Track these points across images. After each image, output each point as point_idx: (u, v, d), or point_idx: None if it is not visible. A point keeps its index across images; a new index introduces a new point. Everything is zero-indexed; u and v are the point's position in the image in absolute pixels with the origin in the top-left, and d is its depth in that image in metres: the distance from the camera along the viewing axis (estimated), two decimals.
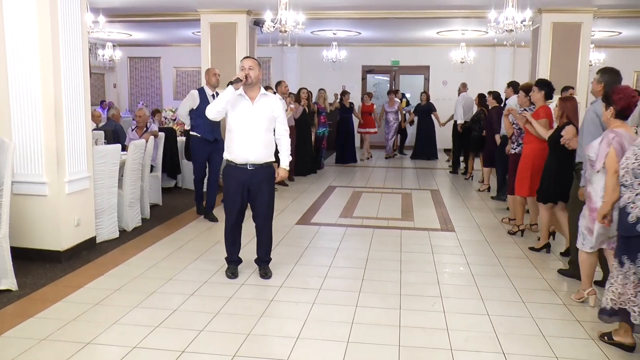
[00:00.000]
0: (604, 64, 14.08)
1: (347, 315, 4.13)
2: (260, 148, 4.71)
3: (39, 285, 4.65)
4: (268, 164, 4.81)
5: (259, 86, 4.80)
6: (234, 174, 4.79)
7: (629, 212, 3.40)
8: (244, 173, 4.74)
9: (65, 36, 5.25)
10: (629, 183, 3.43)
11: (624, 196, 3.47)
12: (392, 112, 14.32)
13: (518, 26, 7.96)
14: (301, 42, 15.04)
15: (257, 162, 4.73)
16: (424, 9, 10.43)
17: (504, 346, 3.67)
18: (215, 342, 3.67)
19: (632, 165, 3.39)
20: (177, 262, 5.34)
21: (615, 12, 10.16)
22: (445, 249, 6.05)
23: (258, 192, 4.81)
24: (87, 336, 3.70)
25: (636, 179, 3.40)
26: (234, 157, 4.75)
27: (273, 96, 4.92)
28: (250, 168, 4.73)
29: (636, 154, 3.38)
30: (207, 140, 6.95)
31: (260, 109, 4.72)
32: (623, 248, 3.51)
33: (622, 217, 3.47)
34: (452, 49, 15.13)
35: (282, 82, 10.09)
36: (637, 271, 3.41)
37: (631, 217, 3.39)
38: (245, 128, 4.68)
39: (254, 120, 4.69)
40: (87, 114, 5.68)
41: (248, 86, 4.68)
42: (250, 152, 4.69)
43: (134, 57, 17.93)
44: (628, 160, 3.43)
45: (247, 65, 4.65)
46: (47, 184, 5.25)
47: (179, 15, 11.25)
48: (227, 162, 4.83)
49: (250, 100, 4.71)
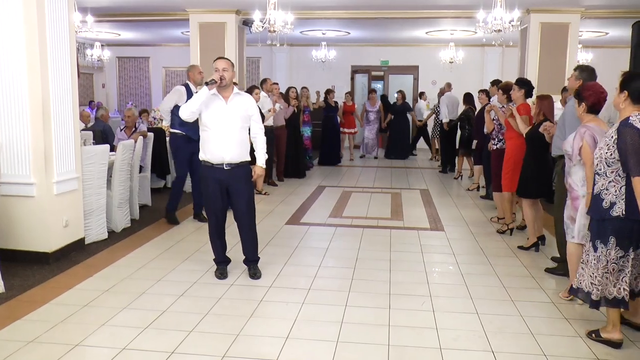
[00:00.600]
0: (591, 64, 14.16)
1: (337, 315, 4.13)
2: (235, 147, 4.72)
3: (26, 287, 4.61)
4: (244, 163, 4.81)
5: (232, 86, 4.81)
6: (210, 174, 4.78)
7: (603, 198, 3.63)
8: (221, 173, 4.74)
9: (52, 35, 5.22)
10: (602, 172, 3.65)
11: (598, 184, 3.68)
12: (373, 112, 14.30)
13: (506, 26, 8.01)
14: (290, 42, 15.07)
15: (233, 162, 4.73)
16: (412, 9, 10.47)
17: (493, 344, 3.69)
18: (205, 343, 3.67)
19: (605, 155, 3.62)
20: (166, 263, 5.33)
21: (602, 12, 10.25)
22: (435, 248, 6.07)
23: (236, 191, 4.82)
24: (75, 338, 3.68)
25: (609, 167, 3.61)
26: (209, 157, 4.74)
27: (247, 95, 4.96)
28: (227, 168, 4.72)
29: (607, 144, 3.61)
30: (192, 138, 6.57)
31: (234, 108, 4.73)
32: (596, 232, 3.70)
33: (597, 203, 3.68)
34: (441, 49, 15.19)
35: (267, 79, 9.90)
36: (607, 254, 3.62)
37: (605, 202, 3.62)
38: (219, 127, 4.69)
39: (228, 120, 4.70)
40: (75, 114, 5.64)
41: (222, 87, 4.70)
42: (225, 152, 4.69)
43: (123, 57, 17.85)
44: (601, 150, 3.66)
45: (221, 67, 4.66)
46: (35, 184, 5.22)
47: (168, 15, 11.22)
48: (203, 163, 4.82)
49: (224, 99, 4.72)
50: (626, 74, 3.74)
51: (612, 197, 3.59)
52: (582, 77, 5.06)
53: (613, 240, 3.59)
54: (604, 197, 3.62)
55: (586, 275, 3.75)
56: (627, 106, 3.61)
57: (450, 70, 15.12)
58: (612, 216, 3.57)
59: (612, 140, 3.57)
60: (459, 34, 13.95)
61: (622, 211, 3.54)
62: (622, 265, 3.61)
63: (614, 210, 3.57)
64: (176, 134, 6.80)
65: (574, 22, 10.05)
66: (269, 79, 10.02)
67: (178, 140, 6.80)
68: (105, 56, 16.18)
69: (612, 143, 3.57)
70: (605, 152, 3.61)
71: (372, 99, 14.40)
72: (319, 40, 15.12)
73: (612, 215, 3.58)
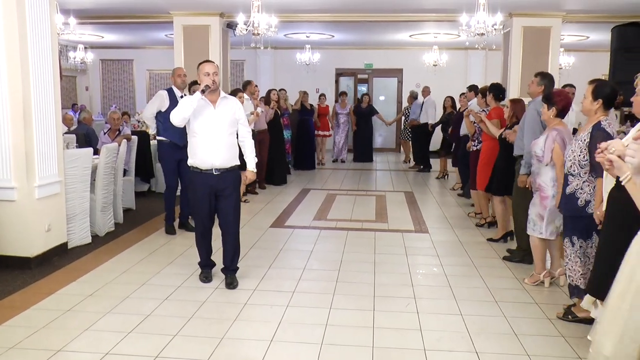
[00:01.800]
0: (572, 67, 14.39)
1: (321, 318, 4.14)
2: (224, 152, 4.67)
3: (7, 293, 4.56)
4: (233, 168, 4.76)
5: (219, 90, 4.77)
6: (199, 179, 4.72)
7: (578, 197, 3.94)
8: (210, 178, 4.67)
9: (33, 37, 5.17)
10: (576, 172, 3.96)
11: (572, 184, 3.98)
12: (343, 114, 14.26)
13: (489, 30, 8.08)
14: (274, 45, 15.05)
15: (222, 167, 4.67)
16: (396, 12, 10.50)
17: (477, 345, 3.72)
18: (189, 347, 3.65)
19: (578, 157, 3.91)
20: (150, 267, 5.30)
21: (583, 17, 10.37)
22: (419, 250, 6.10)
23: (224, 197, 4.75)
24: (57, 343, 3.65)
25: (582, 168, 3.92)
26: (198, 163, 4.68)
27: (233, 99, 4.91)
28: (216, 173, 4.66)
29: (580, 147, 3.90)
30: (177, 145, 6.36)
31: (222, 113, 4.69)
32: (571, 228, 4.04)
33: (572, 201, 3.98)
34: (425, 52, 15.26)
35: (250, 82, 9.61)
36: (592, 246, 3.91)
37: (580, 201, 3.94)
38: (208, 132, 4.64)
39: (216, 124, 4.66)
40: (58, 117, 5.59)
41: (211, 91, 4.66)
42: (215, 157, 4.64)
43: (106, 60, 17.71)
44: (574, 153, 3.93)
45: (211, 71, 4.62)
46: (16, 188, 5.17)
47: (151, 17, 11.14)
48: (192, 169, 4.75)
49: (212, 104, 4.67)
50: (597, 83, 3.96)
51: (587, 195, 3.91)
52: (543, 83, 5.43)
53: (595, 236, 3.87)
54: (579, 196, 3.93)
55: (575, 270, 4.02)
56: (599, 112, 3.89)
57: (434, 73, 15.19)
58: (588, 213, 3.85)
59: (585, 143, 3.85)
60: (442, 37, 14.03)
61: None
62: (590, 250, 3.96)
63: (589, 207, 3.86)
64: (162, 142, 6.55)
65: (556, 26, 10.16)
66: (252, 81, 9.81)
67: (164, 147, 6.57)
68: (88, 59, 16.03)
69: (584, 146, 3.85)
70: (578, 154, 3.91)
71: (342, 102, 14.33)
72: (303, 43, 15.12)
73: (587, 212, 3.88)
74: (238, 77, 16.66)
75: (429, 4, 9.85)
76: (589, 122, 3.95)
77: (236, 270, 4.92)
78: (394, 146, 16.65)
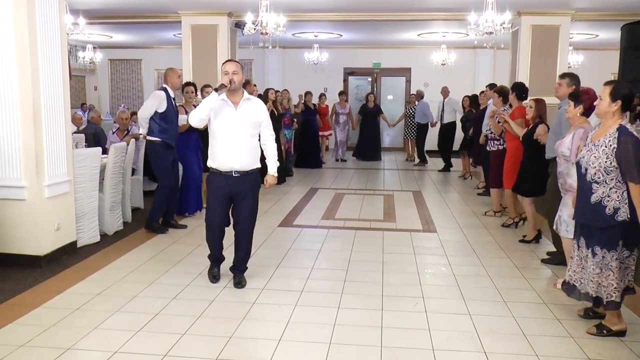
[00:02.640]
0: (582, 66, 14.31)
1: (330, 317, 4.14)
2: (245, 155, 4.58)
3: (17, 291, 4.59)
4: (254, 171, 4.68)
5: (242, 90, 4.66)
6: (218, 181, 4.64)
7: (605, 205, 3.68)
8: (229, 180, 4.60)
9: (43, 38, 5.19)
10: (601, 180, 3.70)
11: (597, 192, 3.72)
12: (343, 114, 14.26)
13: (497, 29, 8.06)
14: (283, 45, 15.06)
15: (242, 170, 4.59)
16: (404, 11, 10.48)
17: (485, 345, 3.70)
18: (198, 346, 3.66)
19: (604, 164, 3.66)
20: (159, 266, 5.31)
21: (592, 15, 10.31)
22: (427, 250, 6.09)
23: (242, 199, 4.68)
24: (67, 342, 3.67)
25: (607, 175, 3.67)
26: (218, 165, 4.61)
27: (257, 100, 4.77)
28: (236, 175, 4.59)
29: (606, 153, 3.65)
30: (170, 145, 6.46)
31: (244, 115, 4.58)
32: (598, 240, 3.75)
33: (599, 211, 3.72)
34: (433, 51, 15.22)
35: (249, 82, 9.40)
36: (619, 257, 3.71)
37: (608, 209, 3.68)
38: (229, 135, 4.54)
39: (237, 127, 4.55)
40: (67, 116, 5.62)
41: (231, 91, 4.54)
42: (235, 160, 4.55)
43: (115, 59, 17.79)
44: (599, 159, 3.69)
45: (231, 70, 4.50)
46: (26, 187, 5.19)
47: (160, 17, 11.18)
48: (212, 170, 4.69)
49: (234, 105, 4.56)
50: (615, 84, 3.79)
51: (615, 203, 3.66)
52: (573, 84, 5.41)
53: (621, 243, 3.70)
54: (607, 204, 3.68)
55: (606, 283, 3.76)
56: (617, 114, 3.71)
57: (442, 72, 15.16)
58: (618, 221, 3.65)
59: (611, 148, 3.62)
60: (450, 36, 14.00)
61: (627, 215, 3.62)
62: (627, 264, 3.75)
63: (619, 215, 3.65)
64: (154, 142, 6.44)
65: (565, 25, 10.11)
66: (251, 81, 9.73)
67: (157, 148, 6.45)
68: (97, 58, 16.11)
69: (610, 151, 3.62)
70: (604, 160, 3.65)
71: (341, 101, 14.33)
72: (311, 42, 15.12)
73: (617, 220, 3.65)
74: (246, 77, 16.66)
75: (438, 3, 9.83)
76: (605, 125, 3.76)
77: (245, 270, 4.91)
78: (401, 145, 16.65)
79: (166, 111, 6.39)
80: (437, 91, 14.45)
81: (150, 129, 6.44)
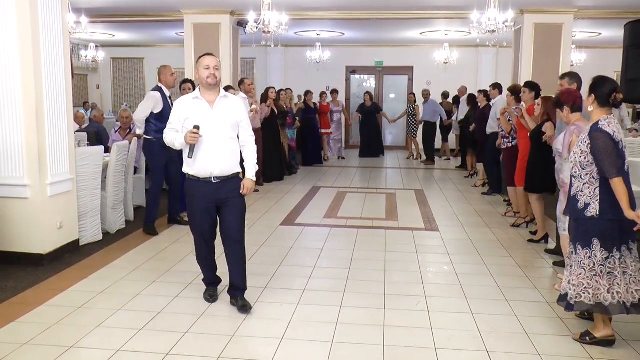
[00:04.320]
0: (584, 64, 14.28)
1: (332, 316, 4.14)
2: (224, 159, 4.09)
3: (20, 289, 4.60)
4: (235, 175, 4.17)
5: (219, 88, 4.16)
6: (197, 188, 4.13)
7: (578, 199, 3.72)
8: (209, 187, 4.10)
9: (46, 36, 5.21)
10: (577, 174, 3.75)
11: (574, 186, 3.78)
12: (337, 112, 14.37)
13: (500, 27, 8.05)
14: (285, 43, 15.04)
15: (222, 175, 4.10)
16: (407, 9, 10.49)
17: (488, 344, 3.70)
18: (200, 344, 3.66)
19: (579, 159, 3.70)
20: (161, 264, 5.32)
21: (595, 13, 10.30)
22: (430, 249, 6.08)
23: (227, 207, 4.17)
24: (70, 340, 3.67)
25: (583, 170, 3.71)
26: (196, 171, 4.11)
27: (235, 98, 4.29)
28: (216, 181, 4.09)
29: (581, 149, 3.69)
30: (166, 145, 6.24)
31: (221, 114, 4.09)
32: (574, 234, 3.79)
33: (573, 204, 3.77)
34: (436, 49, 15.22)
35: (245, 79, 9.39)
36: (593, 256, 3.63)
37: (580, 203, 3.71)
38: (205, 137, 4.01)
39: (214, 128, 4.05)
40: (69, 115, 5.63)
41: (208, 87, 4.08)
42: (214, 165, 4.06)
43: (117, 58, 17.81)
44: (575, 154, 3.76)
45: (212, 65, 4.05)
46: (29, 186, 5.20)
47: (162, 15, 11.21)
48: (188, 177, 4.18)
49: (209, 104, 4.07)
50: (595, 78, 3.80)
51: (586, 198, 3.67)
52: (574, 82, 5.45)
53: (596, 242, 3.62)
54: (579, 199, 3.70)
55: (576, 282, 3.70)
56: (595, 109, 3.69)
57: (444, 71, 15.16)
58: (587, 216, 3.64)
59: (586, 144, 3.66)
60: (453, 34, 14.00)
61: (596, 212, 3.60)
62: (610, 268, 3.60)
63: (589, 210, 3.64)
64: (151, 140, 6.37)
65: (567, 23, 10.10)
66: (247, 79, 9.60)
67: (153, 146, 6.35)
68: (99, 57, 16.15)
69: (585, 147, 3.67)
70: (579, 156, 3.71)
71: (334, 99, 14.41)
72: (313, 41, 15.13)
73: (586, 215, 3.65)
74: (248, 76, 16.67)
75: (440, 2, 9.83)
76: (590, 121, 3.77)
77: (245, 291, 4.33)
78: (404, 144, 16.70)
79: (162, 111, 6.25)
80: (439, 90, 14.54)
81: (147, 129, 6.41)
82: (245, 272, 4.30)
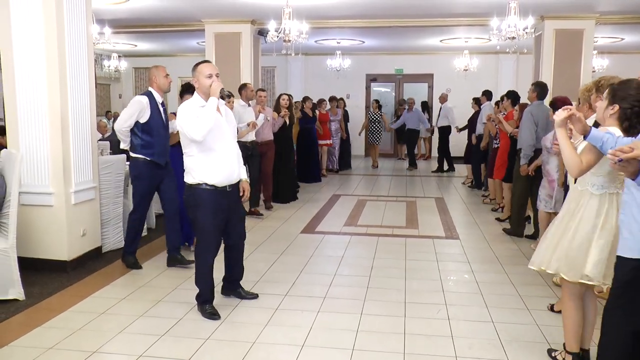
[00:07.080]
0: (607, 70, 14.11)
1: (352, 323, 4.14)
2: (238, 164, 4.23)
3: (45, 295, 4.68)
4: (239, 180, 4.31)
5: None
6: (213, 199, 4.08)
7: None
8: (225, 196, 4.14)
9: (71, 48, 5.32)
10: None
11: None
12: (335, 122, 13.38)
13: (520, 33, 7.99)
14: (305, 51, 15.12)
15: (235, 181, 4.21)
16: (427, 17, 10.47)
17: (508, 353, 3.68)
18: (221, 351, 3.69)
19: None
20: (182, 271, 5.36)
21: (617, 18, 10.17)
22: (450, 257, 6.06)
23: (236, 212, 4.32)
24: (93, 345, 3.73)
25: None
26: (219, 181, 4.07)
27: (222, 101, 4.19)
28: (229, 189, 4.16)
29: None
30: (158, 164, 5.29)
31: (227, 120, 4.23)
32: None
33: None
34: (456, 56, 15.15)
35: (247, 84, 8.31)
36: None
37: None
38: (223, 144, 4.10)
39: (227, 133, 4.16)
40: (93, 124, 5.73)
41: (208, 95, 4.06)
42: (234, 171, 4.17)
43: (139, 68, 18.01)
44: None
45: (214, 72, 4.05)
46: (54, 194, 5.30)
47: (183, 25, 11.33)
48: (204, 188, 4.07)
49: (218, 111, 4.11)
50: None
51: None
52: (536, 90, 6.62)
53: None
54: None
55: None
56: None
57: (464, 78, 15.09)
58: None
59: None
60: (473, 41, 13.92)
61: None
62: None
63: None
64: (138, 160, 5.27)
65: (589, 28, 9.98)
66: (249, 84, 8.57)
67: (140, 166, 5.28)
68: (122, 67, 16.36)
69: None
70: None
71: (332, 107, 13.45)
72: (333, 49, 15.16)
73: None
74: (269, 84, 16.77)
75: (460, 9, 9.79)
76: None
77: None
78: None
79: (150, 121, 5.22)
80: (459, 97, 14.49)
81: (132, 144, 5.29)
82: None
